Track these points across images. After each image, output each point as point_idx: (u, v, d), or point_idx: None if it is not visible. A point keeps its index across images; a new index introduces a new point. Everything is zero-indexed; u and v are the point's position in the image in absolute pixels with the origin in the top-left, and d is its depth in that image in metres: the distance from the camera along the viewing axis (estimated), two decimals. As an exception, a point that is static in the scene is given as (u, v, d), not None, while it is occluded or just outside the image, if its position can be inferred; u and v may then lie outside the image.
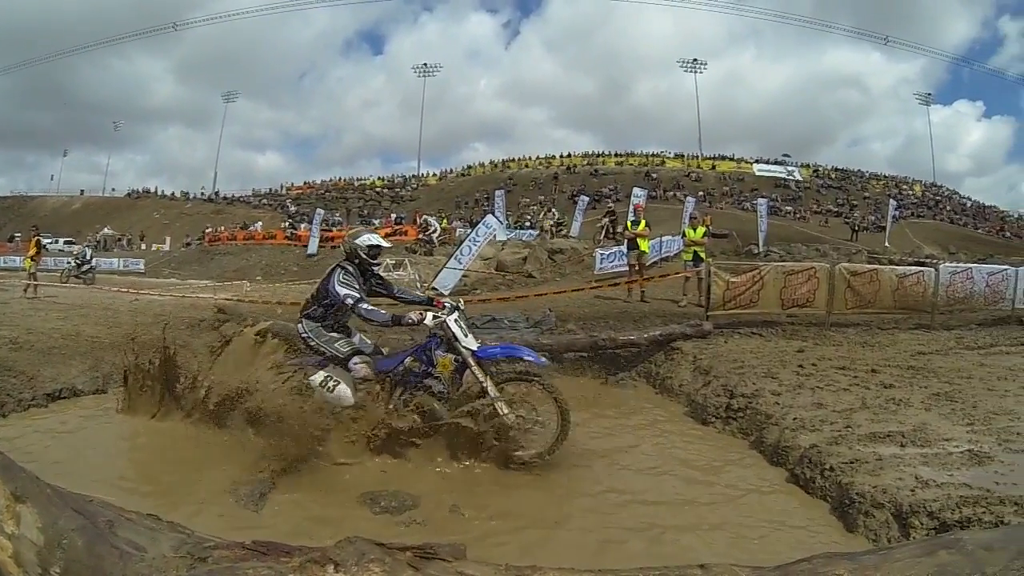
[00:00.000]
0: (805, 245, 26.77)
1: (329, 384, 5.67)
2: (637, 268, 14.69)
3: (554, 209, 36.47)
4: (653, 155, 70.29)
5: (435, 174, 75.10)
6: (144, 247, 51.97)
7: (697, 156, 69.34)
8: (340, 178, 75.75)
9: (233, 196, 71.51)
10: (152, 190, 74.28)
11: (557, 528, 4.44)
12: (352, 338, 5.99)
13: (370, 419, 5.56)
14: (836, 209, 57.07)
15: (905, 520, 4.08)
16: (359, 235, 6.06)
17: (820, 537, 4.23)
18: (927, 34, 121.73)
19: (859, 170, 69.99)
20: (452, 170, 75.70)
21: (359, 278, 5.81)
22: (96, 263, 24.98)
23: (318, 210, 42.51)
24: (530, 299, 13.28)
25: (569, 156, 71.68)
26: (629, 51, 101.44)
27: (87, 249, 24.21)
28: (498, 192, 37.76)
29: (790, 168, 67.67)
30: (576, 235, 30.17)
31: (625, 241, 15.78)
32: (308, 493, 4.96)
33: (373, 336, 6.30)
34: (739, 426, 6.70)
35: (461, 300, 6.10)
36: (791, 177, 66.23)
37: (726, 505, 4.82)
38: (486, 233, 18.22)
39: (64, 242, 45.75)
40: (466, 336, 5.64)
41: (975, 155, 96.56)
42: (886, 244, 33.79)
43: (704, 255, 13.50)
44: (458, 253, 17.47)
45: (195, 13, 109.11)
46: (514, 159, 73.48)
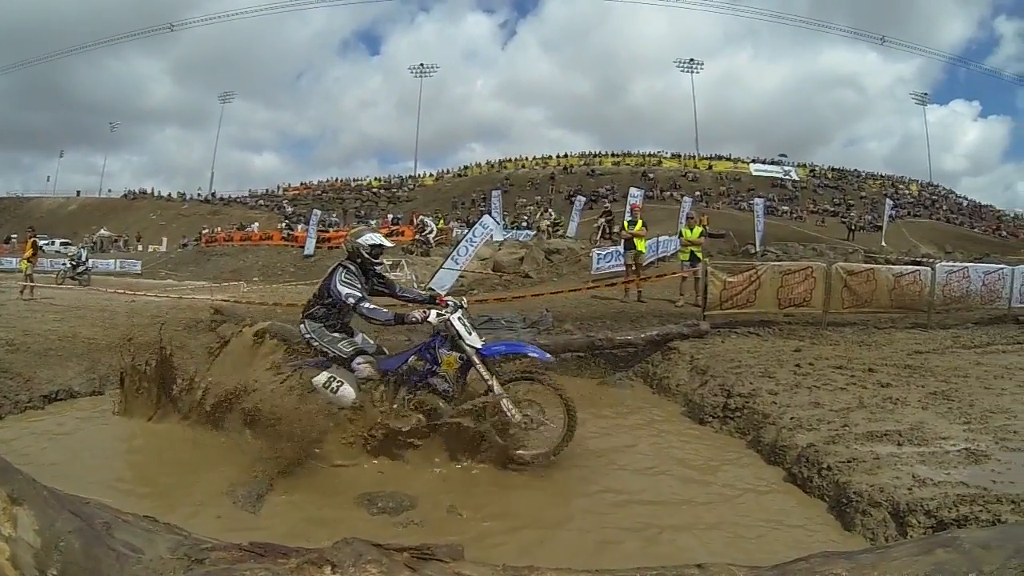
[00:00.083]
0: (802, 245, 26.88)
1: (332, 385, 5.60)
2: (634, 268, 14.73)
3: (551, 209, 36.44)
4: (650, 155, 70.46)
5: (432, 174, 75.32)
6: (140, 248, 51.91)
7: (694, 156, 69.52)
8: (337, 179, 76.07)
9: (230, 197, 71.57)
10: (148, 191, 74.29)
11: (555, 528, 4.44)
12: (355, 338, 5.94)
13: (372, 419, 5.55)
14: (833, 209, 57.30)
15: (902, 519, 4.08)
16: (361, 234, 6.00)
17: (818, 536, 4.23)
18: (923, 34, 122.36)
19: (856, 170, 70.37)
20: (449, 170, 76.00)
21: (361, 277, 5.76)
22: (91, 264, 24.94)
23: (315, 211, 42.43)
24: (527, 299, 13.28)
25: (566, 156, 71.82)
26: (625, 51, 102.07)
27: (82, 250, 24.12)
28: (495, 192, 37.85)
29: (787, 168, 67.85)
30: (573, 235, 30.10)
31: (622, 241, 15.79)
32: (306, 494, 4.95)
33: (372, 336, 6.25)
34: (736, 426, 6.70)
35: (464, 298, 6.06)
36: (788, 177, 66.38)
37: (723, 504, 4.82)
38: (483, 233, 18.21)
39: (60, 243, 45.78)
40: (470, 334, 5.60)
41: (971, 155, 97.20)
42: (883, 243, 33.89)
43: (701, 255, 13.55)
44: (455, 254, 17.45)
45: (192, 13, 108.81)
46: (511, 159, 73.70)
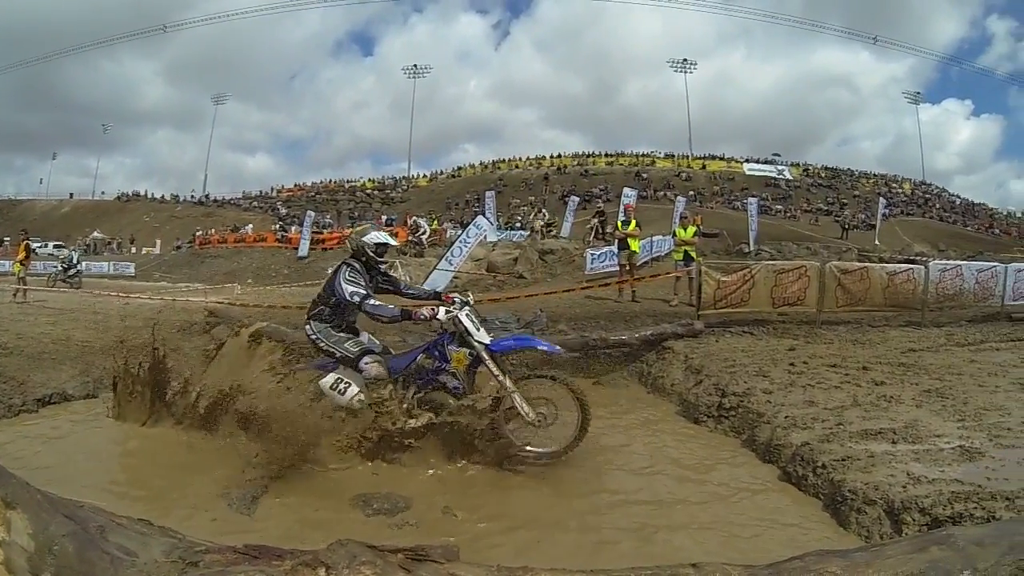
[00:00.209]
0: (795, 244, 26.89)
1: (340, 386, 5.55)
2: (628, 268, 14.76)
3: (544, 210, 36.32)
4: (643, 155, 70.46)
5: (425, 175, 75.20)
6: (134, 250, 51.76)
7: (687, 156, 69.51)
8: (330, 180, 75.78)
9: (223, 199, 71.32)
10: (142, 193, 73.97)
11: (550, 528, 4.43)
12: (360, 338, 5.88)
13: (372, 419, 5.52)
14: (826, 208, 57.33)
15: (897, 516, 4.10)
16: (366, 232, 5.92)
17: (813, 534, 4.24)
18: (916, 33, 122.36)
19: (849, 169, 70.44)
20: (442, 171, 75.93)
21: (365, 275, 5.69)
22: (83, 267, 24.85)
23: (308, 212, 42.35)
24: (521, 300, 13.26)
25: (559, 156, 71.76)
26: (619, 51, 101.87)
27: (73, 253, 24.05)
28: (488, 193, 37.73)
29: (780, 167, 67.91)
30: (567, 236, 30.07)
31: (615, 241, 15.81)
32: (301, 496, 4.94)
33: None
34: (731, 425, 6.71)
35: (470, 294, 6.03)
36: (781, 176, 66.44)
37: (718, 504, 4.82)
38: (476, 234, 18.19)
39: (53, 246, 45.52)
40: (478, 330, 5.55)
41: (964, 153, 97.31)
42: (876, 242, 33.94)
43: (695, 255, 13.54)
44: (449, 254, 17.43)
45: (185, 14, 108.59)
46: (504, 160, 73.60)
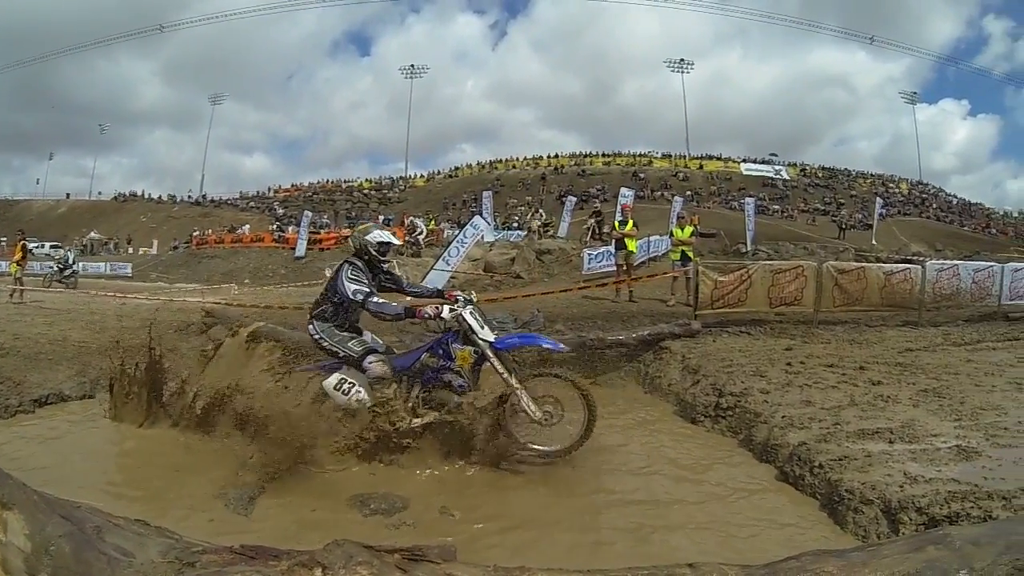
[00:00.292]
0: (793, 244, 26.94)
1: (344, 387, 5.48)
2: (625, 268, 14.73)
3: (542, 210, 36.34)
4: (640, 155, 70.44)
5: (422, 175, 75.06)
6: (131, 251, 51.62)
7: (684, 156, 69.50)
8: (328, 180, 75.68)
9: (220, 199, 71.19)
10: (139, 193, 73.81)
11: (547, 528, 4.44)
12: (363, 337, 5.82)
13: (389, 418, 5.51)
14: (823, 208, 57.38)
15: (894, 516, 4.10)
16: (369, 231, 5.85)
17: (810, 534, 4.24)
18: (913, 33, 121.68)
19: (846, 169, 70.46)
20: (439, 171, 75.76)
21: (367, 274, 5.64)
22: (79, 267, 24.82)
23: (306, 212, 42.27)
24: (518, 300, 13.24)
25: (556, 157, 71.71)
26: (616, 51, 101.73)
27: (69, 253, 23.99)
28: (485, 193, 37.71)
29: (777, 167, 67.94)
30: (564, 235, 30.07)
31: (613, 241, 15.81)
32: (298, 496, 4.93)
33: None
34: (728, 424, 6.72)
35: (473, 292, 6.01)
36: (778, 176, 66.48)
37: (715, 504, 4.83)
38: (474, 234, 18.19)
39: (50, 246, 45.40)
40: (482, 328, 5.51)
41: (961, 153, 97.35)
42: (873, 242, 33.93)
43: (692, 254, 13.53)
44: (446, 254, 17.42)
45: (182, 14, 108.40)
46: (501, 160, 73.52)
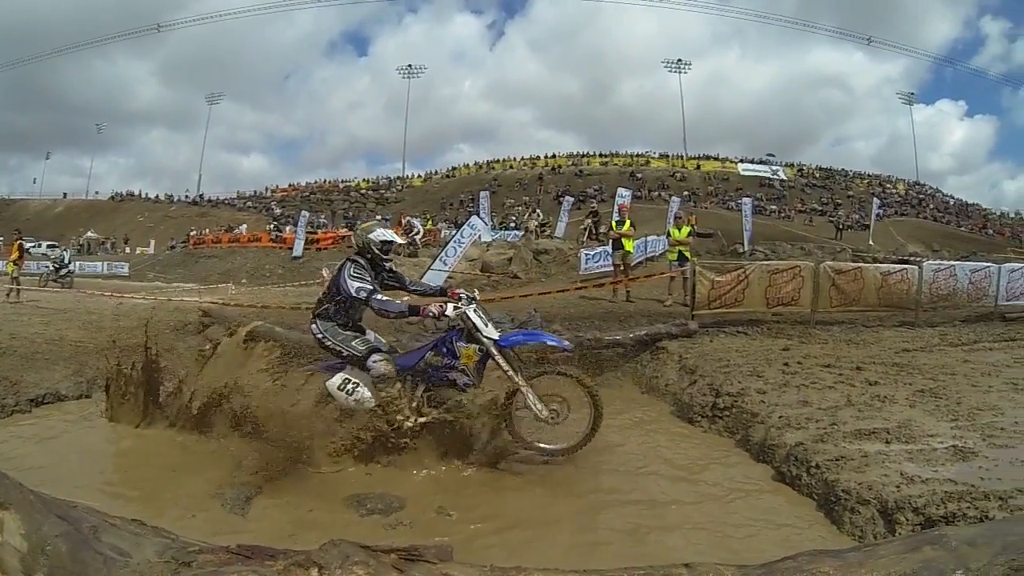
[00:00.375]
0: (790, 244, 26.92)
1: (348, 387, 5.43)
2: (622, 268, 14.73)
3: (539, 210, 36.32)
4: (638, 155, 70.49)
5: (420, 175, 75.07)
6: (128, 250, 51.55)
7: (682, 156, 69.53)
8: (325, 180, 75.60)
9: (218, 199, 71.13)
10: (136, 193, 73.75)
11: (544, 528, 4.44)
12: (367, 336, 5.76)
13: (394, 417, 5.50)
14: (820, 208, 57.49)
15: (891, 516, 4.10)
16: (372, 229, 5.76)
17: (806, 534, 4.24)
18: (910, 34, 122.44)
19: (843, 169, 70.57)
20: (437, 171, 75.72)
21: (370, 271, 5.57)
22: (75, 267, 24.79)
23: (303, 212, 42.22)
24: (515, 300, 13.23)
25: (554, 157, 71.72)
26: (613, 52, 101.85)
27: (65, 253, 23.98)
28: (483, 193, 37.74)
29: (775, 167, 67.99)
30: (561, 236, 30.02)
31: (610, 241, 15.81)
32: (295, 496, 4.93)
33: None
34: (725, 425, 6.72)
35: (476, 291, 5.99)
36: (776, 176, 66.53)
37: (712, 504, 4.83)
38: (471, 234, 18.17)
39: (47, 246, 45.33)
40: (487, 325, 5.47)
41: (957, 154, 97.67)
42: (870, 242, 34.02)
43: (689, 255, 13.56)
44: (443, 254, 17.40)
45: (179, 14, 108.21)
46: (499, 160, 73.50)
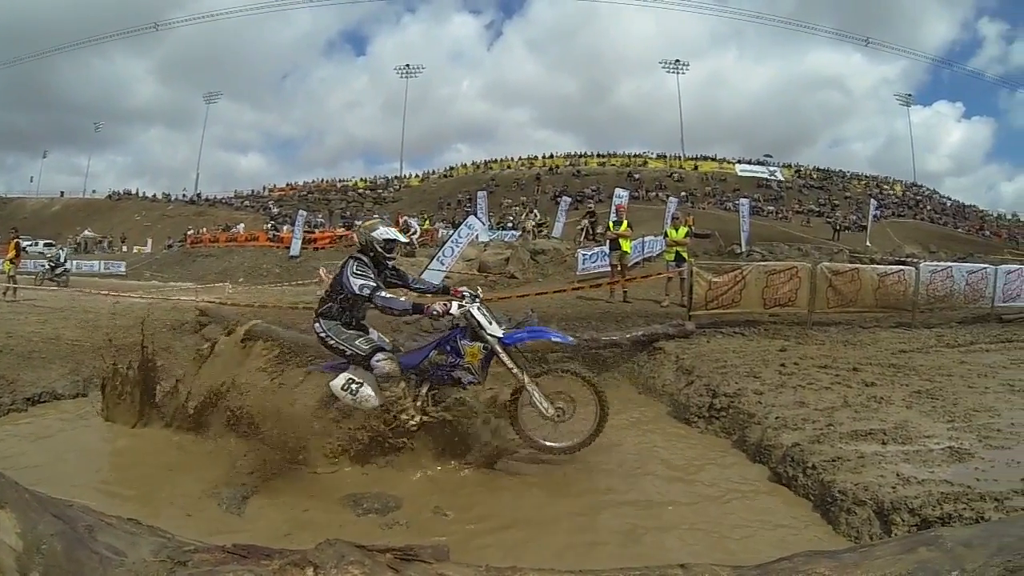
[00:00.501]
0: (787, 245, 26.98)
1: (352, 387, 5.42)
2: (619, 269, 14.74)
3: (536, 210, 36.35)
4: (635, 156, 70.55)
5: (417, 175, 75.16)
6: (125, 249, 51.47)
7: (679, 156, 69.56)
8: (323, 179, 75.71)
9: (215, 198, 71.11)
10: (133, 192, 73.73)
11: (540, 529, 4.44)
12: (370, 335, 5.72)
13: (398, 418, 5.47)
14: (818, 209, 57.57)
15: (887, 517, 4.11)
16: (375, 228, 5.71)
17: (803, 535, 4.24)
18: (908, 36, 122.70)
19: (840, 170, 70.63)
20: (434, 171, 75.89)
21: (373, 269, 5.55)
22: (70, 265, 24.78)
23: (300, 212, 42.17)
24: (512, 300, 13.21)
25: (551, 157, 71.74)
26: (611, 52, 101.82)
27: (60, 252, 24.01)
28: (480, 193, 37.74)
29: (772, 168, 68.09)
30: (558, 236, 30.01)
31: (607, 242, 15.81)
32: (291, 496, 4.92)
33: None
34: (722, 425, 6.72)
35: (479, 289, 5.98)
36: (773, 177, 66.64)
37: (708, 504, 4.83)
38: (468, 234, 18.15)
39: (44, 244, 45.29)
40: (491, 323, 5.45)
41: (955, 155, 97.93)
42: (867, 243, 34.05)
43: (686, 255, 13.57)
44: (440, 254, 17.38)
45: (177, 13, 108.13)
46: (496, 160, 73.56)
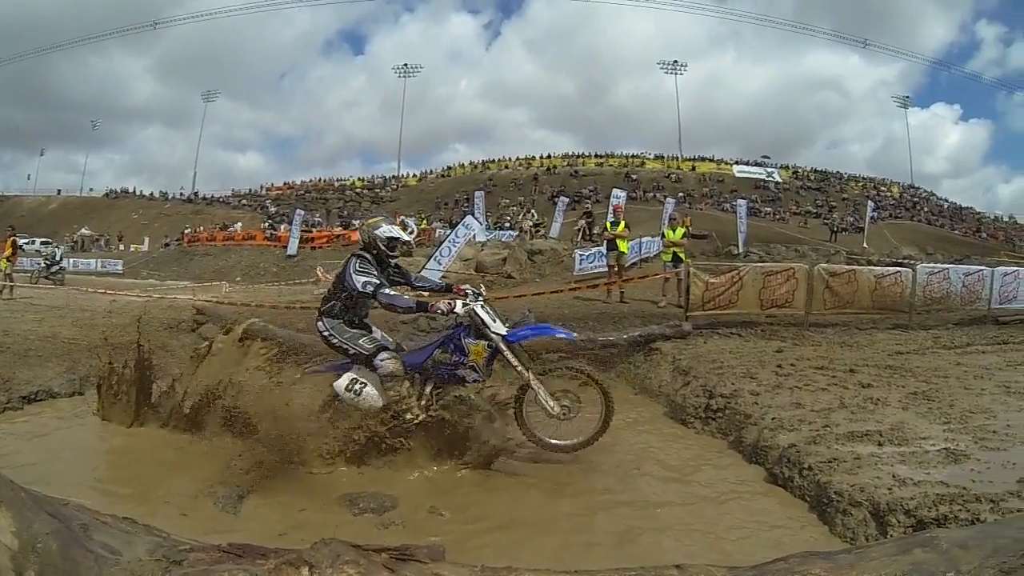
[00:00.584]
0: (784, 246, 27.03)
1: (356, 387, 5.36)
2: (616, 269, 14.76)
3: (534, 210, 36.37)
4: (633, 156, 70.67)
5: (415, 175, 75.31)
6: (122, 248, 51.50)
7: (677, 157, 69.70)
8: (320, 179, 75.79)
9: (212, 196, 71.06)
10: (130, 190, 73.74)
11: (536, 529, 4.43)
12: (373, 334, 5.69)
13: (403, 415, 5.44)
14: (815, 210, 57.64)
15: (882, 518, 4.10)
16: (378, 226, 5.67)
17: (799, 536, 4.24)
18: (906, 38, 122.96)
19: (838, 172, 70.92)
20: (432, 171, 76.10)
21: (376, 267, 5.50)
22: (66, 264, 24.78)
23: (298, 211, 42.28)
24: (509, 300, 13.20)
25: (549, 157, 71.87)
26: (609, 52, 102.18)
27: (56, 250, 24.02)
28: (478, 193, 37.78)
29: (770, 170, 68.20)
30: (556, 236, 30.03)
31: (604, 242, 15.82)
32: (287, 495, 4.90)
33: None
34: (718, 426, 6.72)
35: (482, 287, 5.95)
36: (771, 178, 66.75)
37: (704, 505, 4.83)
38: (465, 234, 18.22)
39: (40, 242, 45.21)
40: (494, 321, 5.44)
41: (952, 157, 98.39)
42: (864, 245, 34.14)
43: (684, 256, 13.57)
44: (438, 254, 17.44)
45: (175, 11, 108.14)
46: (494, 160, 73.75)
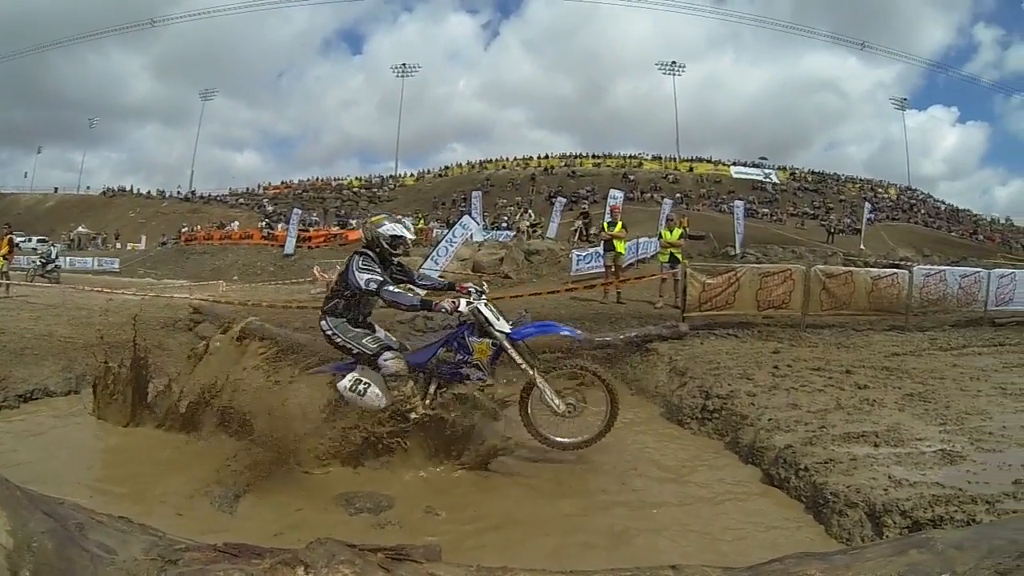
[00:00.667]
0: (781, 247, 27.05)
1: (359, 387, 5.33)
2: (613, 270, 14.75)
3: (531, 210, 36.38)
4: (631, 157, 70.70)
5: (413, 174, 75.25)
6: (119, 246, 51.34)
7: (675, 158, 69.76)
8: (318, 178, 75.76)
9: (210, 195, 70.83)
10: (128, 188, 73.41)
11: (532, 529, 4.43)
12: (377, 334, 5.66)
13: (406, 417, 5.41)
14: (812, 212, 57.74)
15: (878, 519, 4.11)
16: (382, 223, 5.67)
17: (795, 537, 4.24)
18: (903, 40, 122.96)
19: (835, 173, 71.03)
20: (430, 171, 76.01)
21: (379, 265, 5.49)
22: (62, 262, 24.75)
23: (295, 210, 42.26)
24: (506, 300, 13.12)
25: (547, 157, 71.89)
26: (608, 53, 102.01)
27: (52, 248, 24.02)
28: (475, 193, 37.83)
29: (767, 171, 68.27)
30: (553, 236, 30.03)
31: (601, 243, 15.82)
32: (283, 495, 4.89)
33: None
34: (714, 427, 6.72)
35: (485, 284, 5.95)
36: (768, 180, 66.80)
37: (700, 506, 4.83)
38: (463, 234, 18.20)
39: (37, 240, 45.12)
40: (498, 319, 5.46)
41: (949, 159, 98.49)
42: (861, 246, 34.19)
43: (681, 257, 13.56)
44: (435, 254, 17.42)
45: (173, 9, 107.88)
46: (492, 160, 73.74)
